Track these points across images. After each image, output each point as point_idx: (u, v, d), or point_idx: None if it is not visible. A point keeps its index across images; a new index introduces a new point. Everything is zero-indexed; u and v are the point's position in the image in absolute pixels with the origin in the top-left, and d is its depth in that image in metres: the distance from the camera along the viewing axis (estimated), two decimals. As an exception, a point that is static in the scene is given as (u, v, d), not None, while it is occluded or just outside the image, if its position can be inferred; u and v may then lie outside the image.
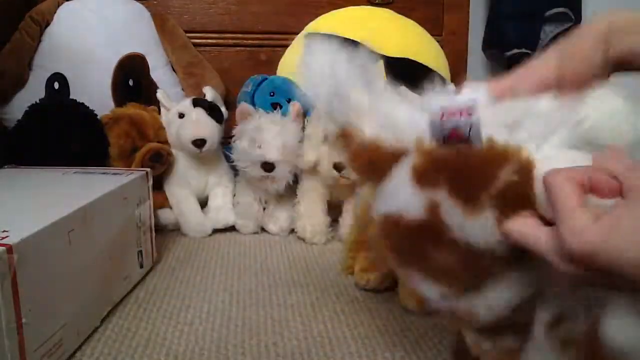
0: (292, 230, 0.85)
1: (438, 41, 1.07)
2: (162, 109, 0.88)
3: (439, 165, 0.27)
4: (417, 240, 0.28)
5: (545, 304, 0.27)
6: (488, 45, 1.38)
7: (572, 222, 0.22)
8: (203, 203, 0.88)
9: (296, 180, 0.85)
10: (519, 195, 0.24)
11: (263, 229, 0.86)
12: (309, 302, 0.60)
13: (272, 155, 0.77)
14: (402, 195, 0.28)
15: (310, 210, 0.82)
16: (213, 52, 1.09)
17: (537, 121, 0.26)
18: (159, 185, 0.86)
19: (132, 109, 0.84)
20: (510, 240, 0.25)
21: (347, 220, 0.80)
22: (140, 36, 0.98)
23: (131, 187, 0.61)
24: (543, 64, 0.30)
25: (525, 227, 0.24)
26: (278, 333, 0.53)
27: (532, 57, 0.31)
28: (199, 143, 0.81)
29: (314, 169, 0.81)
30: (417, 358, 0.49)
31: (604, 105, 0.30)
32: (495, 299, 0.27)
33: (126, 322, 0.54)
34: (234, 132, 0.83)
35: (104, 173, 0.64)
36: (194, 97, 0.89)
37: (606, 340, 0.24)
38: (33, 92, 0.89)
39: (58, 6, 0.96)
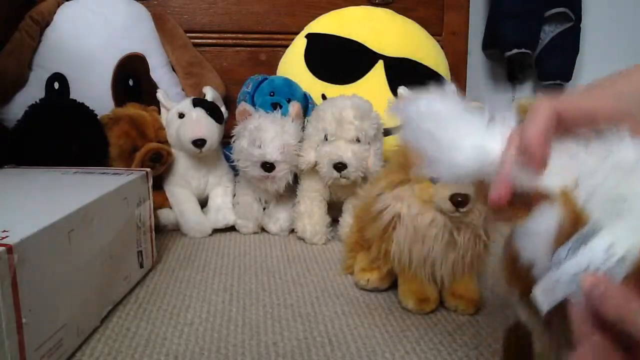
0: (292, 230, 0.85)
1: (438, 41, 1.08)
2: (162, 109, 0.88)
3: None
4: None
5: None
6: (488, 45, 1.38)
7: None
8: (203, 203, 0.88)
9: (296, 180, 0.85)
10: None
11: (263, 229, 0.86)
12: (309, 302, 0.60)
13: (272, 155, 0.77)
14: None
15: (310, 210, 0.82)
16: (213, 52, 1.09)
17: None
18: (159, 185, 0.86)
19: (132, 109, 0.84)
20: None
21: (347, 220, 0.80)
22: (140, 36, 0.98)
23: (131, 187, 0.61)
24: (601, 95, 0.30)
25: None
26: (278, 333, 0.53)
27: (532, 57, 0.31)
28: (199, 143, 0.81)
29: (314, 169, 0.81)
30: (417, 358, 0.49)
31: None
32: None
33: (126, 322, 0.54)
34: (234, 132, 0.83)
35: (104, 173, 0.64)
36: (194, 97, 0.89)
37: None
38: (33, 92, 0.89)
39: (58, 6, 0.96)
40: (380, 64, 1.00)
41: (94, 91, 0.89)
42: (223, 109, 0.90)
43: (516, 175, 0.29)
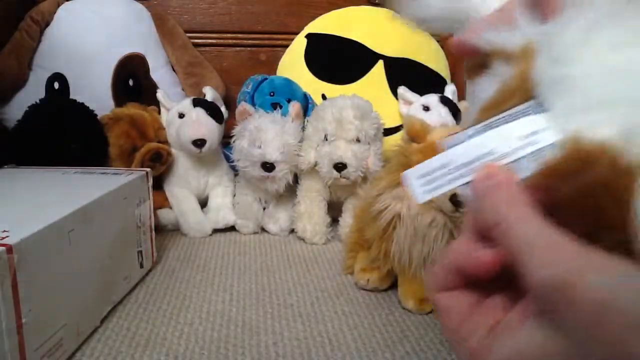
0: (292, 230, 0.85)
1: (438, 41, 1.07)
2: (162, 109, 0.88)
3: None
4: None
5: None
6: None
7: None
8: (203, 203, 0.88)
9: (296, 180, 0.85)
10: None
11: (263, 229, 0.86)
12: (309, 302, 0.60)
13: (272, 155, 0.77)
14: None
15: (310, 210, 0.82)
16: (213, 52, 1.09)
17: None
18: (159, 185, 0.86)
19: (132, 109, 0.84)
20: None
21: (347, 220, 0.80)
22: (140, 36, 0.98)
23: (131, 187, 0.61)
24: None
25: None
26: (278, 333, 0.53)
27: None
28: (199, 143, 0.81)
29: (314, 169, 0.81)
30: (417, 358, 0.49)
31: None
32: None
33: (126, 322, 0.54)
34: (234, 132, 0.83)
35: (104, 173, 0.64)
36: (194, 97, 0.88)
37: None
38: (33, 92, 0.89)
39: (58, 6, 0.96)
40: (380, 64, 1.00)
41: (94, 91, 0.89)
42: (223, 109, 0.90)
43: (493, 27, 0.25)
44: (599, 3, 0.21)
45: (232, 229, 0.86)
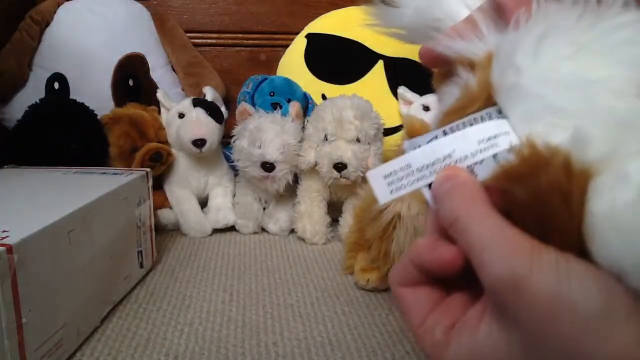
0: (292, 230, 0.85)
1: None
2: (162, 109, 0.88)
3: None
4: None
5: None
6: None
7: None
8: (203, 203, 0.88)
9: (296, 180, 0.85)
10: None
11: (263, 229, 0.86)
12: (309, 302, 0.60)
13: (272, 155, 0.77)
14: None
15: (310, 210, 0.82)
16: (213, 52, 1.09)
17: None
18: (159, 185, 0.86)
19: (132, 109, 0.84)
20: None
21: (347, 220, 0.80)
22: (140, 36, 0.98)
23: (131, 187, 0.61)
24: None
25: None
26: (278, 333, 0.53)
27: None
28: (199, 143, 0.81)
29: (314, 169, 0.81)
30: (417, 358, 0.49)
31: None
32: None
33: (126, 322, 0.54)
34: (234, 132, 0.83)
35: (104, 173, 0.64)
36: (194, 97, 0.88)
37: None
38: (33, 92, 0.89)
39: (58, 6, 0.96)
40: (380, 64, 1.00)
41: (94, 91, 0.89)
42: (223, 109, 0.90)
43: (459, 36, 0.26)
44: (552, 18, 0.22)
45: (232, 229, 0.86)
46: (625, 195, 0.17)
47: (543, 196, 0.19)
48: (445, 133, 0.23)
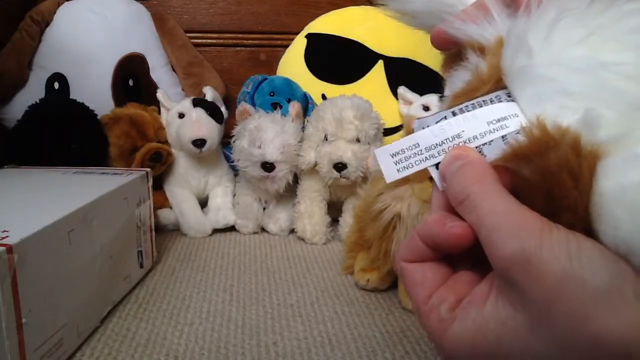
0: (292, 230, 0.85)
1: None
2: (162, 109, 0.88)
3: None
4: None
5: None
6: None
7: None
8: (203, 203, 0.88)
9: (296, 180, 0.85)
10: None
11: (263, 229, 0.86)
12: (309, 302, 0.60)
13: (272, 155, 0.77)
14: None
15: (310, 210, 0.82)
16: (213, 52, 1.09)
17: None
18: (159, 185, 0.86)
19: (132, 109, 0.84)
20: None
21: (347, 220, 0.80)
22: (140, 36, 0.98)
23: (131, 187, 0.61)
24: None
25: None
26: (278, 333, 0.53)
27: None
28: (199, 143, 0.81)
29: (314, 169, 0.81)
30: (417, 358, 0.49)
31: None
32: None
33: (126, 322, 0.54)
34: (234, 132, 0.83)
35: (103, 173, 0.64)
36: (194, 97, 0.88)
37: None
38: (33, 92, 0.89)
39: (58, 6, 0.96)
40: (380, 64, 1.00)
41: (94, 91, 0.89)
42: (223, 109, 0.90)
43: (470, 20, 0.26)
44: (564, 2, 0.22)
45: (232, 229, 0.86)
46: (634, 176, 0.17)
47: (552, 176, 0.19)
48: (454, 114, 0.23)
